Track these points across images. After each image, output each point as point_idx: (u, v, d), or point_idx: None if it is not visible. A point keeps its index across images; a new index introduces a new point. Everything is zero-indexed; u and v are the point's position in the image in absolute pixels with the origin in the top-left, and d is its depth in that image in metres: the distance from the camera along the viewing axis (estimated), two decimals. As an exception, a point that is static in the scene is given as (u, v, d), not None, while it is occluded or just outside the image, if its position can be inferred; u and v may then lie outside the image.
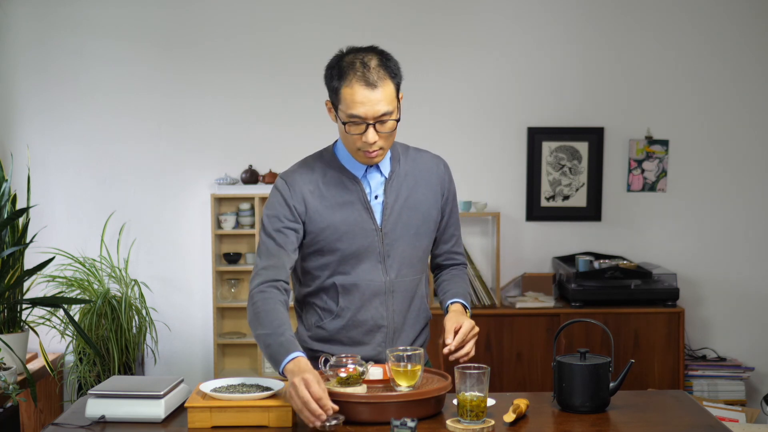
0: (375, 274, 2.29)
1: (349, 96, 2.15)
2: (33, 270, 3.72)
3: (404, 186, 2.33)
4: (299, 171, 2.32)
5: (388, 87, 2.17)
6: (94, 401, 2.13)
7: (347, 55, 2.20)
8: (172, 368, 4.71)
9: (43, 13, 4.65)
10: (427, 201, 2.36)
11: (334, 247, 2.27)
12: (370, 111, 2.15)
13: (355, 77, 2.15)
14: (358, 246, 2.27)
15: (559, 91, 4.72)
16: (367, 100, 2.14)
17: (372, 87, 2.14)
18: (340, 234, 2.27)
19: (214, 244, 4.56)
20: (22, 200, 4.43)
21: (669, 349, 4.34)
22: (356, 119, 2.16)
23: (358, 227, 2.27)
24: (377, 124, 2.17)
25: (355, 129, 2.18)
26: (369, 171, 2.31)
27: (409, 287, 2.35)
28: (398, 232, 2.30)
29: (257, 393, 2.08)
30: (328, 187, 2.29)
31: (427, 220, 2.36)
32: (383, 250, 2.29)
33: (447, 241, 2.47)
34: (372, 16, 4.66)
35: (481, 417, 2.02)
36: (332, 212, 2.27)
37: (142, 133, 4.70)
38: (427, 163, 2.40)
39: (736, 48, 4.70)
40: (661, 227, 4.75)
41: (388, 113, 2.17)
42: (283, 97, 4.70)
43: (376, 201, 2.31)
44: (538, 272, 4.72)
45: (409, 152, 2.39)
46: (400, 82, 2.22)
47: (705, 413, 2.17)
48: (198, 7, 4.67)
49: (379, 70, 2.16)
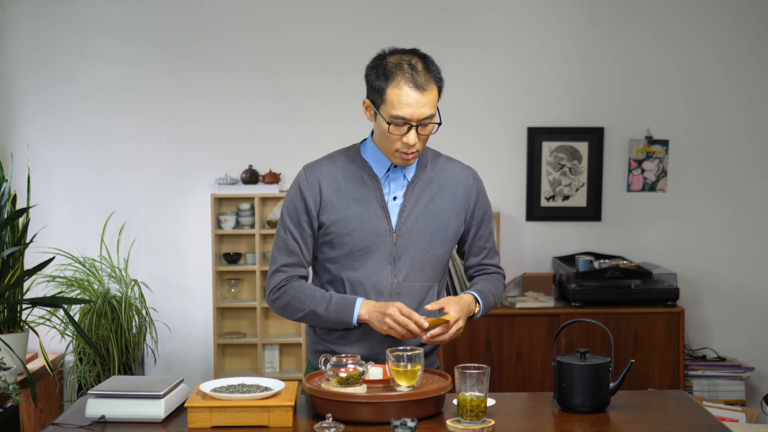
0: (383, 274, 2.30)
1: (396, 97, 2.18)
2: (33, 270, 3.72)
3: (426, 192, 2.34)
4: (321, 162, 2.36)
5: (433, 91, 2.21)
6: (94, 401, 2.13)
7: (391, 56, 2.24)
8: (172, 368, 4.71)
9: (43, 13, 4.65)
10: (448, 210, 2.35)
11: (343, 241, 2.29)
12: (415, 113, 2.18)
13: (403, 79, 2.19)
14: (368, 243, 2.29)
15: (559, 91, 4.72)
16: (414, 102, 2.18)
17: (420, 90, 2.18)
18: (351, 228, 2.29)
19: (214, 244, 4.56)
20: (22, 200, 4.43)
21: (669, 349, 4.34)
22: (400, 120, 2.19)
23: (371, 225, 2.29)
24: (419, 127, 2.20)
25: (397, 130, 2.21)
26: (392, 172, 2.32)
27: (417, 292, 2.34)
28: (413, 237, 2.31)
29: (257, 393, 2.08)
30: (347, 181, 2.31)
31: (445, 228, 2.35)
32: (395, 252, 2.30)
33: (477, 254, 2.45)
34: (372, 16, 4.66)
35: (481, 417, 2.02)
36: (346, 206, 2.29)
37: (142, 133, 4.70)
38: (455, 172, 2.39)
39: (736, 48, 4.70)
40: (661, 227, 4.75)
41: (431, 116, 2.21)
42: (283, 97, 4.70)
43: (395, 202, 2.32)
44: (538, 272, 4.72)
45: (439, 160, 2.40)
46: (442, 86, 2.26)
47: (705, 413, 2.17)
48: (198, 7, 4.67)
49: (426, 73, 2.20)
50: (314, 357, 2.38)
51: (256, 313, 4.59)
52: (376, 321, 2.22)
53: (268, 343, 4.61)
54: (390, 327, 2.19)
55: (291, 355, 4.70)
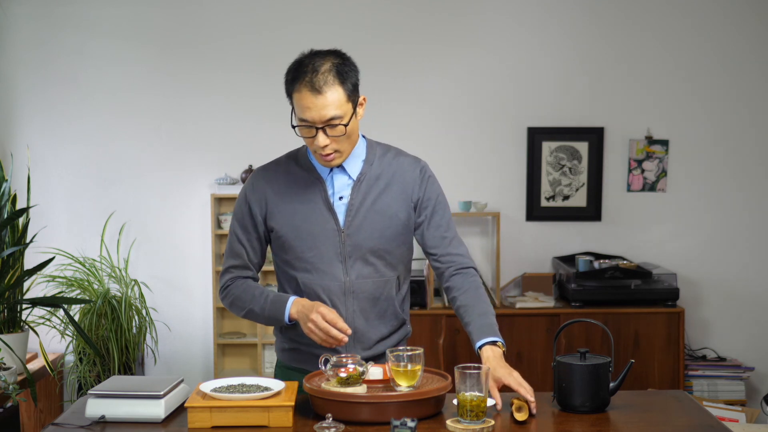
0: (334, 274, 2.30)
1: (298, 101, 2.20)
2: (33, 270, 3.72)
3: (373, 189, 2.32)
4: (268, 167, 2.39)
5: (336, 91, 2.18)
6: (94, 401, 2.13)
7: (304, 59, 2.22)
8: (172, 368, 4.71)
9: (43, 13, 4.65)
10: (396, 205, 2.33)
11: (294, 244, 2.31)
12: (316, 115, 2.18)
13: (302, 83, 2.18)
14: (318, 245, 2.29)
15: (559, 91, 4.72)
16: (313, 105, 2.17)
17: (318, 92, 2.17)
18: (300, 232, 2.30)
19: (214, 244, 4.56)
20: (22, 200, 4.43)
21: (669, 349, 4.34)
22: (305, 123, 2.20)
23: (319, 227, 2.29)
24: (327, 128, 2.19)
25: (305, 132, 2.22)
26: (335, 172, 2.32)
27: (372, 289, 2.33)
28: (362, 235, 2.30)
29: (257, 393, 2.08)
30: (290, 185, 2.33)
31: (394, 223, 2.33)
32: (344, 251, 2.30)
33: (438, 244, 2.37)
34: (372, 16, 4.66)
35: (481, 417, 2.01)
36: (293, 210, 2.31)
37: (142, 133, 4.71)
38: (402, 166, 2.36)
39: (736, 48, 4.70)
40: (661, 227, 4.75)
41: (337, 117, 2.19)
42: (283, 97, 4.65)
43: (341, 202, 2.31)
44: (538, 272, 4.72)
45: (387, 155, 2.38)
46: (354, 85, 2.22)
47: (705, 413, 2.17)
48: (198, 7, 4.67)
49: (327, 75, 2.17)
50: (282, 355, 2.42)
51: (256, 313, 4.58)
52: (302, 323, 2.23)
53: (268, 343, 4.61)
54: (311, 331, 2.19)
55: (291, 355, 4.70)
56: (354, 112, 2.23)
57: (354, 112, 2.23)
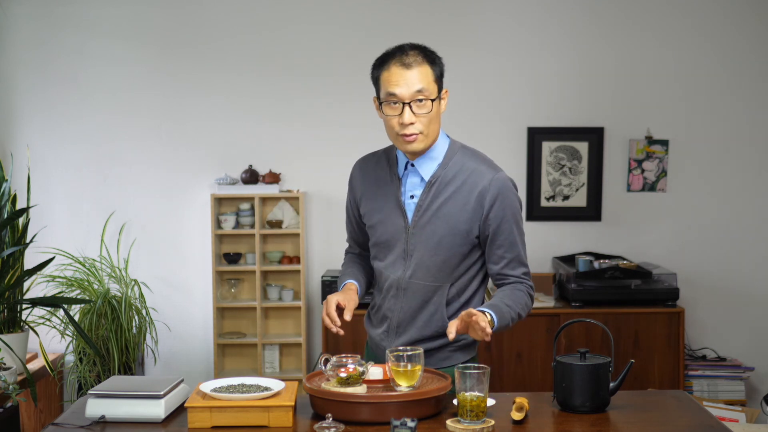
0: (397, 268, 2.38)
1: (386, 77, 2.26)
2: (33, 270, 3.72)
3: (443, 193, 2.33)
4: (366, 158, 2.51)
5: (425, 68, 2.26)
6: (94, 401, 2.13)
7: (390, 49, 2.32)
8: (172, 368, 4.71)
9: (43, 13, 4.65)
10: (459, 214, 2.31)
11: (372, 232, 2.44)
12: (405, 90, 2.24)
13: (392, 61, 2.27)
14: (387, 237, 2.39)
15: (559, 91, 4.72)
16: (402, 79, 2.24)
17: (407, 66, 2.24)
18: (375, 222, 2.42)
19: (214, 244, 4.56)
20: (22, 200, 4.43)
21: (669, 349, 4.34)
22: (393, 98, 2.25)
23: (389, 221, 2.38)
24: (413, 105, 2.24)
25: (392, 110, 2.26)
26: (410, 171, 2.37)
27: (423, 291, 2.35)
28: (423, 236, 2.33)
29: (257, 393, 2.08)
30: (377, 177, 2.43)
31: (454, 233, 2.31)
32: (408, 248, 2.36)
33: (496, 262, 2.36)
34: (372, 16, 4.66)
35: (481, 417, 2.01)
36: (374, 200, 2.42)
37: (142, 133, 4.71)
38: (476, 176, 2.32)
39: (736, 48, 4.70)
40: (661, 227, 4.75)
41: (424, 90, 2.24)
42: (283, 97, 4.70)
43: (411, 200, 2.36)
44: (538, 272, 4.71)
45: (466, 161, 2.35)
46: (441, 70, 2.30)
47: (705, 413, 2.17)
48: (198, 7, 4.67)
49: (416, 55, 2.26)
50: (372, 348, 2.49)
51: (256, 313, 4.59)
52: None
53: (268, 343, 4.61)
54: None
55: (291, 355, 4.70)
56: (439, 95, 2.29)
57: (439, 95, 2.29)
